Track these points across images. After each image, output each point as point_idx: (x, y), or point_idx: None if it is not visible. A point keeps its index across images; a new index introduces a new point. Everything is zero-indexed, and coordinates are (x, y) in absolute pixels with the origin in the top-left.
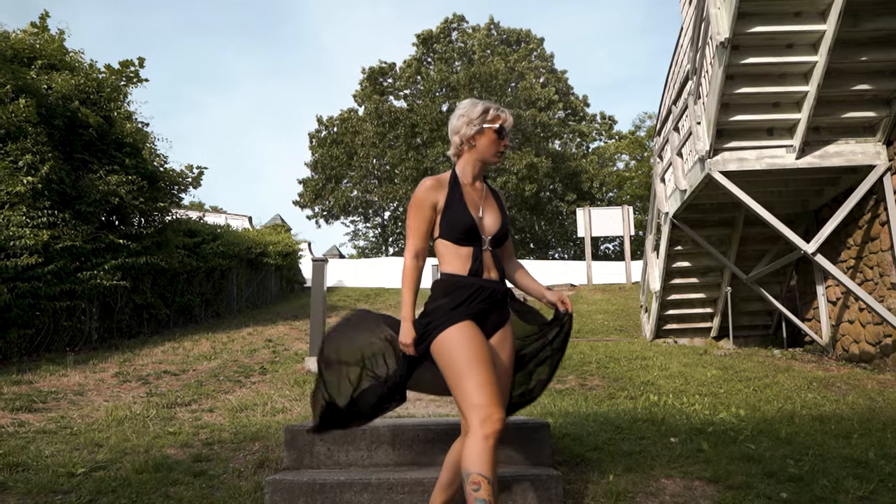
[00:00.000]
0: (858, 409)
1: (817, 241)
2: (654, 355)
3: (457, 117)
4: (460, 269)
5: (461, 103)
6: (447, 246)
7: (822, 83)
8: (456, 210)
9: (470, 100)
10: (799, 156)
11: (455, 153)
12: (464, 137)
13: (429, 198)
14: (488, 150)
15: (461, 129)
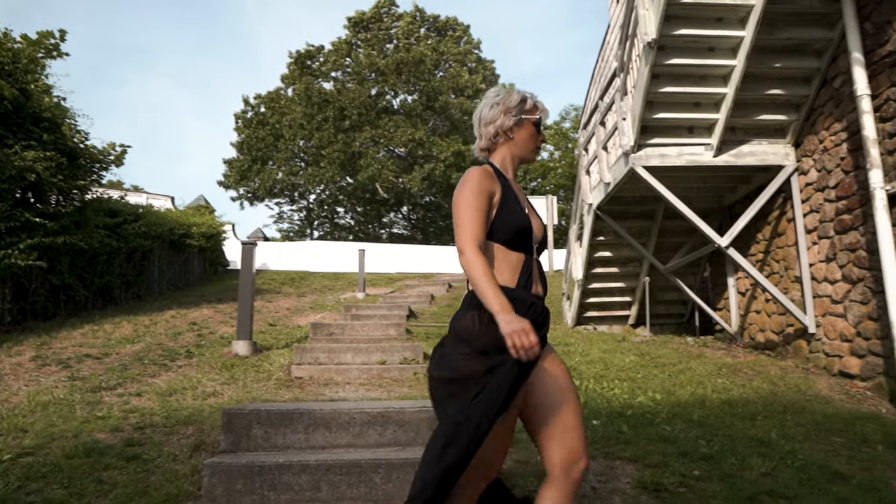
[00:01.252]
0: (763, 393)
1: (730, 236)
2: (576, 342)
3: (489, 106)
4: (509, 279)
5: (491, 92)
6: (498, 251)
7: (739, 86)
8: (513, 207)
9: (499, 88)
10: (716, 154)
11: (487, 147)
12: (501, 128)
13: (488, 186)
14: (527, 145)
15: (497, 119)
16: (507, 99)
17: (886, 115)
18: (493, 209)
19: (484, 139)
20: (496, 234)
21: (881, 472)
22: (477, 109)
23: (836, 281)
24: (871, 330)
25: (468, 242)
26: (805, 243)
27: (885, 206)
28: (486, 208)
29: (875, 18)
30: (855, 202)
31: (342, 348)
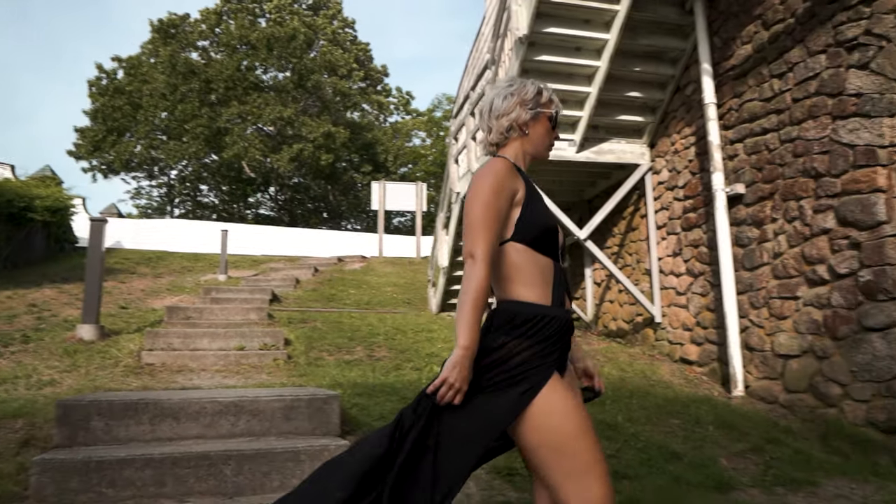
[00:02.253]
0: (612, 378)
1: (588, 229)
2: (440, 328)
3: (503, 97)
4: (542, 294)
5: (502, 82)
6: (525, 254)
7: (602, 86)
8: (539, 205)
9: (512, 77)
10: (579, 150)
11: (497, 141)
12: (516, 122)
13: (511, 183)
14: (542, 141)
15: (512, 112)
16: (522, 90)
17: (729, 123)
18: (517, 208)
19: (495, 133)
20: (520, 233)
21: (710, 450)
22: (485, 99)
23: (681, 274)
24: (708, 320)
25: (482, 249)
26: (655, 238)
27: (725, 207)
28: (505, 211)
29: (723, 34)
30: (700, 202)
31: (199, 333)
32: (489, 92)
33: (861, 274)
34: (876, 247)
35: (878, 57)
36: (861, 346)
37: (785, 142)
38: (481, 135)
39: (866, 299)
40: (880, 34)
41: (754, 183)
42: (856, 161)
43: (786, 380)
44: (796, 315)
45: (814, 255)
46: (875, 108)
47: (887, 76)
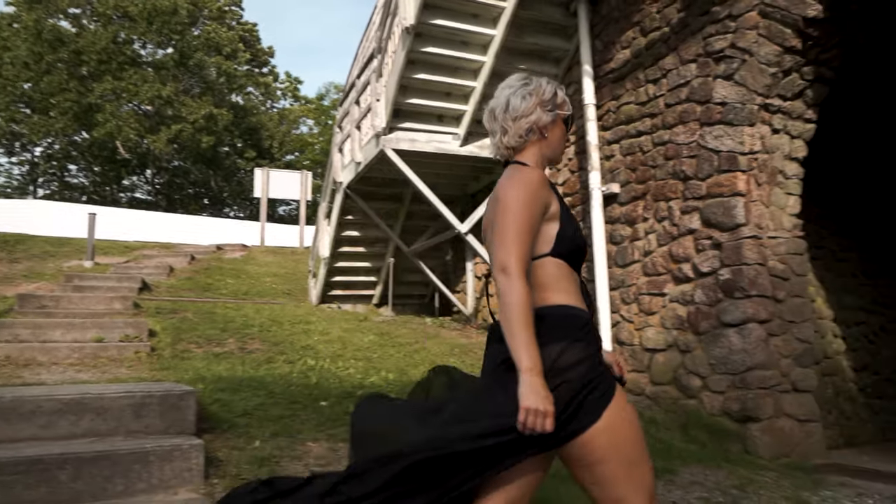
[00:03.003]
0: None
1: (470, 222)
2: (318, 320)
3: (520, 96)
4: (578, 302)
5: (515, 80)
6: (562, 268)
7: (487, 81)
8: (572, 222)
9: (525, 75)
10: (463, 144)
11: (514, 145)
12: (536, 125)
13: (543, 195)
14: (559, 145)
15: (532, 114)
16: (540, 90)
17: (607, 124)
18: (553, 222)
19: (512, 135)
20: (559, 247)
21: None
22: (498, 98)
23: None
24: None
25: (516, 261)
26: None
27: (601, 206)
28: (539, 224)
29: (604, 37)
30: (577, 199)
31: (52, 324)
32: (502, 90)
33: (721, 273)
34: (735, 247)
35: (741, 69)
36: (719, 340)
37: (657, 145)
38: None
39: (725, 296)
40: (744, 48)
41: (628, 183)
42: (720, 166)
43: (652, 373)
44: (663, 311)
45: (680, 253)
46: (738, 117)
47: (748, 87)
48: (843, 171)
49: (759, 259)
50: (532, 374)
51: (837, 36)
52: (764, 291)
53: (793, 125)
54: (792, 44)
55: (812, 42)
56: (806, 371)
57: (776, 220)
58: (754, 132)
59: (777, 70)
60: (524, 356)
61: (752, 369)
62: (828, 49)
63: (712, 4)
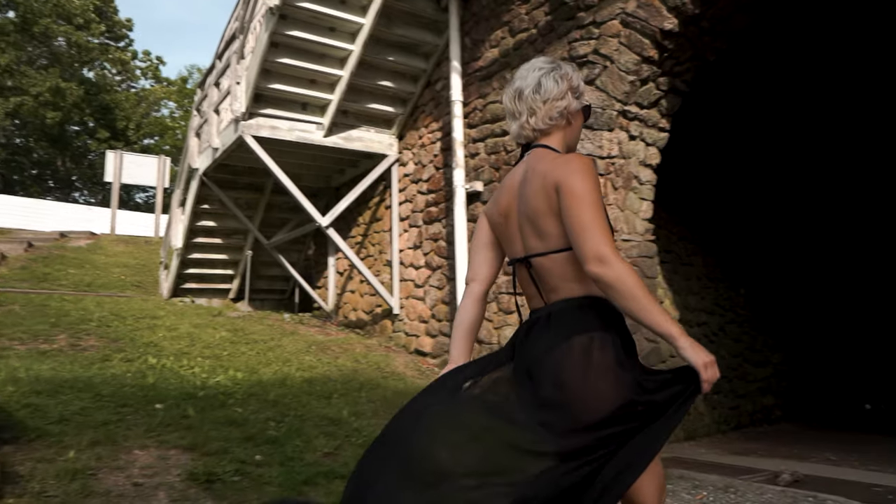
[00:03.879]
0: (345, 370)
1: (331, 216)
2: (167, 314)
3: (553, 79)
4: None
5: (543, 62)
6: None
7: (354, 71)
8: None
9: (551, 59)
10: (327, 134)
11: (542, 128)
12: (567, 111)
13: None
14: (578, 134)
15: (563, 99)
16: (569, 75)
17: (473, 121)
18: None
19: (542, 117)
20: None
21: None
22: (526, 79)
23: (420, 267)
24: (443, 312)
25: (610, 247)
26: (398, 230)
27: (464, 203)
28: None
29: (474, 35)
30: (441, 196)
31: None
32: (529, 71)
33: None
34: None
35: (602, 75)
36: None
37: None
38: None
39: None
40: (606, 55)
41: (492, 182)
42: None
43: None
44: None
45: None
46: (598, 122)
47: (609, 94)
48: (690, 180)
49: None
50: (684, 336)
51: (690, 50)
52: None
53: (648, 133)
54: (650, 54)
55: (668, 54)
56: None
57: (630, 224)
58: (612, 137)
59: (636, 78)
60: (670, 326)
61: None
62: (682, 62)
63: (578, 10)
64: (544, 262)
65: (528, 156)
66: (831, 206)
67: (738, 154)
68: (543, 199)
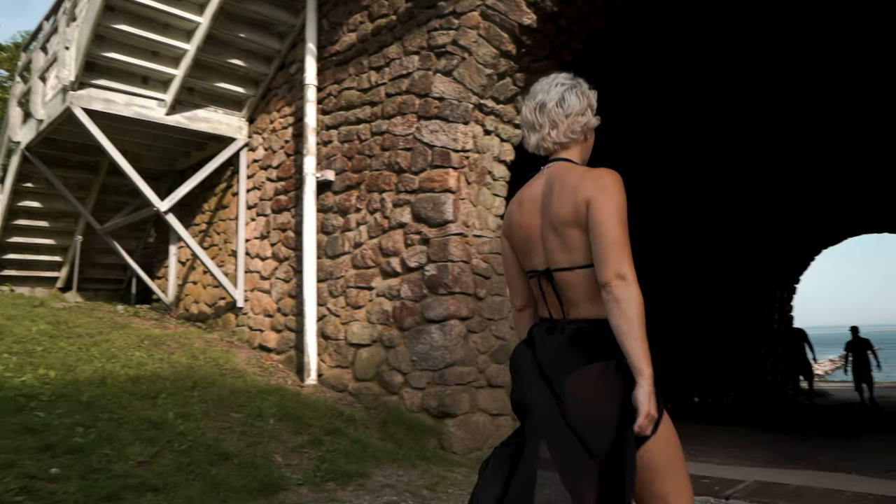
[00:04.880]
0: (179, 367)
1: (171, 201)
2: None
3: (576, 95)
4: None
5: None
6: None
7: (202, 46)
8: None
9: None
10: (169, 112)
11: (563, 141)
12: (587, 126)
13: None
14: (590, 151)
15: (584, 115)
16: (588, 92)
17: (328, 108)
18: None
19: (564, 131)
20: None
21: (267, 446)
22: (548, 92)
23: (266, 258)
24: (289, 306)
25: (630, 268)
26: (244, 219)
27: (314, 192)
28: None
29: (332, 18)
30: (291, 185)
31: None
32: (551, 85)
33: (427, 268)
34: (442, 244)
35: (460, 67)
36: (422, 336)
37: (375, 134)
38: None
39: (430, 293)
40: (464, 46)
41: (344, 171)
42: (433, 161)
43: (356, 368)
44: (370, 305)
45: (390, 247)
46: (453, 114)
47: (465, 86)
48: None
49: (463, 256)
50: (651, 381)
51: (548, 48)
52: (466, 289)
53: (503, 128)
54: (508, 48)
55: (525, 50)
56: (500, 367)
57: (482, 220)
58: (468, 130)
59: (493, 72)
60: (645, 364)
61: (451, 366)
62: (539, 60)
63: None
64: (569, 276)
65: (549, 168)
66: (666, 209)
67: None
68: (572, 212)
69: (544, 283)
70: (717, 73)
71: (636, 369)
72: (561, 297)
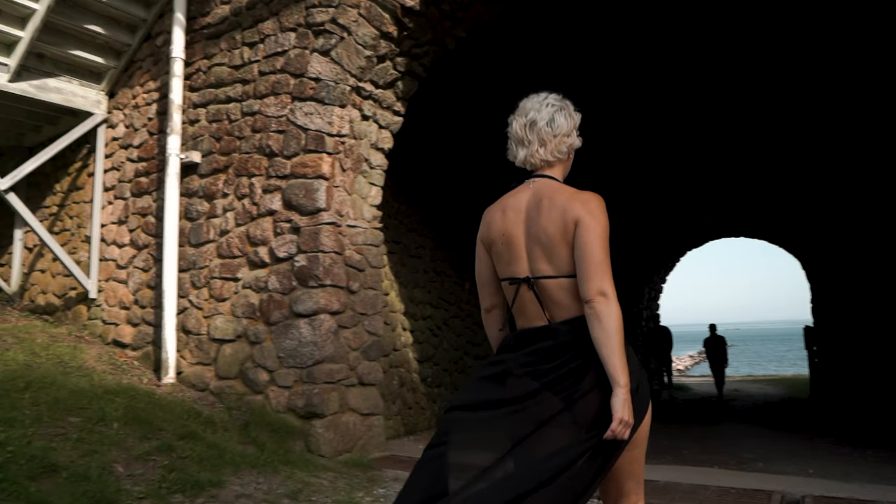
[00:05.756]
0: (13, 366)
1: (13, 179)
2: None
3: (564, 116)
4: None
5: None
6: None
7: (53, 6)
8: None
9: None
10: (14, 79)
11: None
12: (572, 148)
13: None
14: (569, 170)
15: (571, 135)
16: (574, 115)
17: (196, 84)
18: None
19: (552, 150)
20: None
21: (106, 455)
22: (539, 111)
23: (124, 245)
24: (147, 298)
25: (611, 285)
26: (101, 202)
27: (177, 175)
28: None
29: None
30: (154, 166)
31: None
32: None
33: (297, 259)
34: (313, 233)
35: (338, 46)
36: (290, 331)
37: (246, 114)
38: (527, 151)
39: (299, 285)
40: (344, 25)
41: (211, 153)
42: (307, 145)
43: (218, 366)
44: (235, 297)
45: (258, 235)
46: (329, 96)
47: (344, 67)
48: (425, 173)
49: (336, 247)
50: (626, 390)
51: (430, 33)
52: (338, 281)
53: (382, 115)
54: (389, 30)
55: (407, 33)
56: (372, 364)
57: (357, 209)
58: (344, 114)
59: (373, 54)
60: (622, 374)
61: (320, 363)
62: (421, 45)
63: None
64: (552, 283)
65: (535, 183)
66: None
67: (474, 152)
68: (561, 229)
69: (524, 290)
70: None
71: (613, 379)
72: (543, 303)
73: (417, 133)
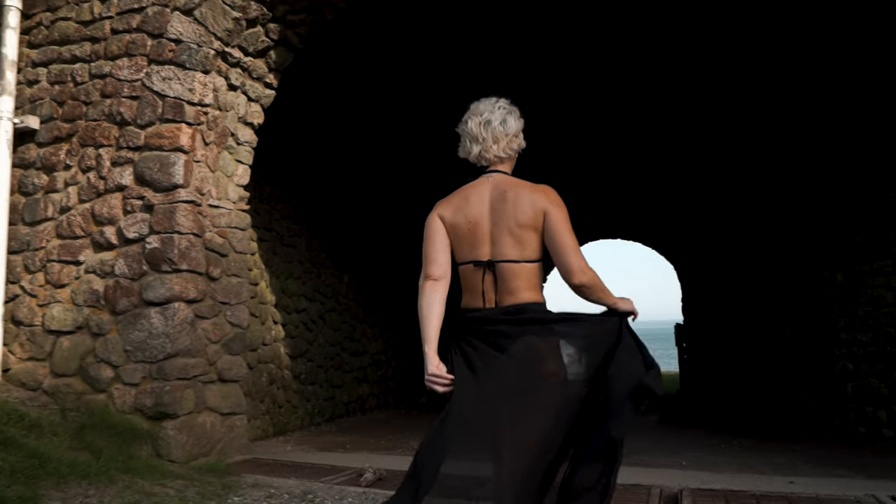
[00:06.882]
0: None
1: None
2: None
3: (514, 118)
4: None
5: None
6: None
7: None
8: None
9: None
10: None
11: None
12: (519, 147)
13: None
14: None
15: (518, 137)
16: (521, 119)
17: (36, 40)
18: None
19: (504, 147)
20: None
21: None
22: (493, 112)
23: None
24: None
25: (585, 260)
26: None
27: (10, 142)
28: None
29: None
30: None
31: None
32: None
33: (149, 240)
34: (168, 212)
35: (203, 6)
36: (139, 321)
37: (95, 77)
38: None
39: (151, 269)
40: None
41: (53, 119)
42: (164, 114)
43: (54, 361)
44: (76, 283)
45: (105, 214)
46: (191, 60)
47: (208, 28)
48: (301, 157)
49: (194, 229)
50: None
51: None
52: (196, 267)
53: (252, 86)
54: None
55: None
56: (235, 358)
57: (221, 188)
58: (208, 81)
59: (241, 16)
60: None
61: (173, 356)
62: (297, 11)
63: None
64: (515, 267)
65: (492, 177)
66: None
67: (353, 141)
68: (532, 219)
69: (486, 273)
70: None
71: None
72: (500, 285)
73: (293, 113)
